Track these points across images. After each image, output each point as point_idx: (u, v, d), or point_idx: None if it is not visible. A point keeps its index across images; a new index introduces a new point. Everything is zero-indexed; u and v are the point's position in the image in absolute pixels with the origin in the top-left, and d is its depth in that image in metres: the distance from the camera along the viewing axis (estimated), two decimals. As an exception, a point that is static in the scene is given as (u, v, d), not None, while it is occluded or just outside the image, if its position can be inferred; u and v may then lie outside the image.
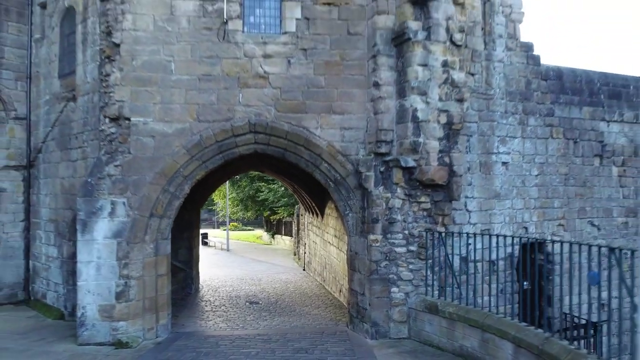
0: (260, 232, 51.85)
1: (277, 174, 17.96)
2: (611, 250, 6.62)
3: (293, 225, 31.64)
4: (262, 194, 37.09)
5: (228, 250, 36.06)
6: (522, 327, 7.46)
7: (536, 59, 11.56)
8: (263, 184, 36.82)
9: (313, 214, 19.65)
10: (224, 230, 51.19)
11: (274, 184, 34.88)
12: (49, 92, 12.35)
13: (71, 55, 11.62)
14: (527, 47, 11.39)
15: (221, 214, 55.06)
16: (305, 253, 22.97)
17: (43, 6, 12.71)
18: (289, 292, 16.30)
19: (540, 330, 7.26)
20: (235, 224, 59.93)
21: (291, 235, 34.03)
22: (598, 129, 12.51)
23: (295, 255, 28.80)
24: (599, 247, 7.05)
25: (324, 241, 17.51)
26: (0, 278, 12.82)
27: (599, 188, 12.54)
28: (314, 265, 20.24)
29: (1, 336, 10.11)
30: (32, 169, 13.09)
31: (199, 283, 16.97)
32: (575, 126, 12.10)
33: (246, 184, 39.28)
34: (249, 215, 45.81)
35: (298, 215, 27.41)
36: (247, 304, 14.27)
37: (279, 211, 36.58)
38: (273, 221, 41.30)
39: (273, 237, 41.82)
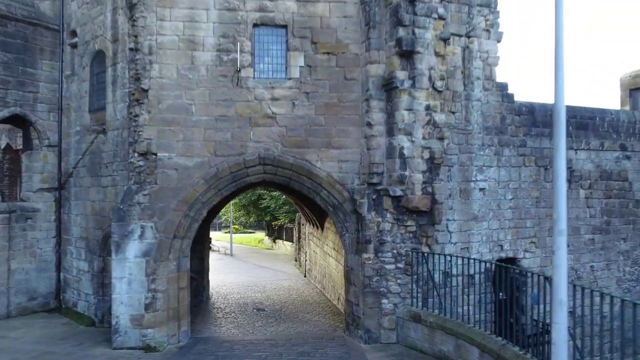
0: (261, 234, 53.39)
1: (280, 189, 19.55)
2: (545, 278, 8.11)
3: (294, 232, 33.16)
4: (264, 201, 38.64)
5: (232, 255, 37.63)
6: (486, 335, 9.05)
7: (510, 97, 13.14)
8: (265, 191, 38.39)
9: (314, 226, 21.21)
10: (226, 232, 52.81)
11: (275, 191, 36.46)
12: (79, 124, 13.92)
13: (101, 92, 13.20)
14: (502, 87, 12.96)
15: (224, 218, 56.62)
16: (306, 261, 24.53)
17: (73, 46, 14.29)
18: (292, 299, 17.87)
19: (499, 338, 8.85)
20: (237, 226, 61.49)
21: (292, 241, 35.58)
22: (567, 156, 14.05)
23: (296, 261, 30.34)
24: (538, 275, 8.54)
25: (324, 252, 19.08)
26: (35, 288, 14.39)
27: (567, 209, 14.07)
28: (314, 273, 21.81)
29: (45, 341, 11.69)
30: (62, 190, 14.67)
31: (209, 290, 18.53)
32: (546, 155, 13.68)
33: (249, 191, 40.81)
34: (251, 220, 47.38)
35: (299, 224, 28.94)
36: (255, 310, 15.85)
37: (280, 217, 38.15)
38: (275, 227, 42.86)
39: (274, 242, 43.38)
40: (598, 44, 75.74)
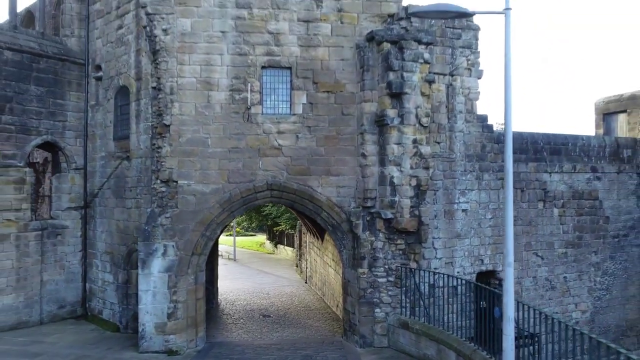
0: (261, 237, 54.92)
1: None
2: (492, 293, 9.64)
3: (295, 239, 34.72)
4: (266, 208, 40.22)
5: (235, 260, 39.19)
6: (461, 341, 10.66)
7: (490, 127, 14.76)
8: (267, 199, 39.82)
9: (314, 237, 22.80)
10: (228, 235, 54.34)
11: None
12: (105, 150, 15.51)
13: (124, 123, 14.80)
14: (482, 119, 14.58)
15: (226, 222, 58.04)
16: (307, 268, 26.12)
17: (98, 79, 15.88)
18: (294, 306, 19.46)
19: (472, 344, 10.45)
20: (238, 229, 63.04)
21: (293, 247, 37.15)
22: (542, 179, 15.72)
23: (297, 267, 31.89)
24: (488, 289, 10.05)
25: (324, 262, 20.67)
26: (64, 297, 15.97)
27: (542, 226, 15.75)
28: (314, 280, 23.40)
29: (78, 346, 13.28)
30: (88, 209, 16.24)
31: (218, 297, 20.11)
32: (523, 178, 15.31)
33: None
34: (253, 225, 48.98)
35: (300, 232, 30.50)
36: (261, 316, 17.44)
37: (282, 224, 39.73)
38: (276, 232, 44.46)
39: (276, 246, 44.96)
40: (577, 69, 78.62)
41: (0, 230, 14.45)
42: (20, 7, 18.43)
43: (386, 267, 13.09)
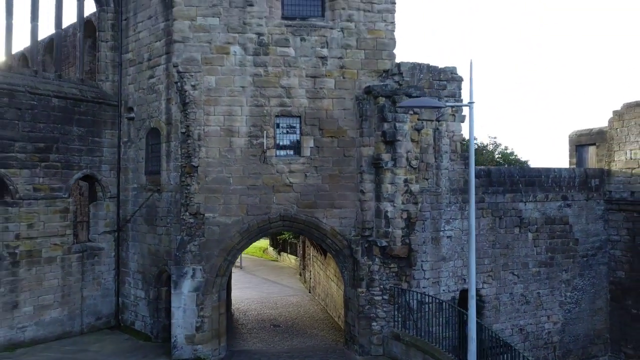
0: (264, 242, 57.16)
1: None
2: (459, 311, 11.93)
3: (298, 248, 36.98)
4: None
5: (241, 267, 41.45)
6: (442, 352, 12.97)
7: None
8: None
9: (318, 252, 25.07)
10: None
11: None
12: (137, 183, 17.78)
13: (155, 160, 17.07)
14: (465, 157, 16.86)
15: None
16: (310, 279, 28.39)
17: (130, 119, 18.14)
18: (300, 316, 21.75)
19: (451, 355, 12.75)
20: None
21: (295, 255, 39.42)
22: (517, 208, 18.02)
23: (300, 275, 34.14)
24: (454, 306, 12.28)
25: (327, 276, 22.95)
26: (100, 310, 18.24)
27: (518, 248, 18.06)
28: (318, 291, 25.68)
29: (118, 353, 15.56)
30: (120, 232, 18.52)
31: (232, 308, 22.38)
32: (500, 207, 17.61)
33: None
34: (257, 233, 50.98)
35: (304, 243, 32.74)
36: (272, 326, 19.72)
37: (285, 233, 41.96)
38: (279, 240, 46.74)
39: (279, 254, 47.25)
40: (556, 101, 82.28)
41: (48, 253, 16.72)
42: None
43: (381, 286, 15.37)
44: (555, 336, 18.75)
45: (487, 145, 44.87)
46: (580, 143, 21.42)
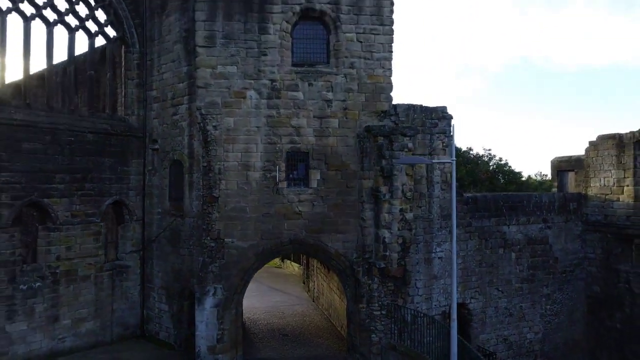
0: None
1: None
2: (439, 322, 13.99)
3: (302, 256, 39.03)
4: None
5: (247, 275, 43.42)
6: (429, 359, 15.05)
7: (460, 193, 19.13)
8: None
9: (322, 265, 27.11)
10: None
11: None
12: (161, 207, 19.85)
13: (178, 188, 19.13)
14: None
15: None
16: (314, 289, 30.43)
17: (154, 150, 20.21)
18: (306, 325, 23.80)
19: (438, 364, 14.84)
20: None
21: (299, 262, 41.42)
22: (502, 230, 20.11)
23: (304, 284, 36.15)
24: (441, 323, 14.34)
25: (330, 289, 25.00)
26: (127, 322, 20.31)
27: (502, 267, 20.13)
28: (322, 301, 27.72)
29: (148, 361, 17.65)
30: (145, 251, 20.58)
31: (243, 317, 24.40)
32: (486, 230, 19.68)
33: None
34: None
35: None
36: (281, 335, 21.78)
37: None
38: (283, 248, 48.69)
39: (283, 261, 49.29)
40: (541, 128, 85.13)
41: (83, 272, 18.80)
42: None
43: (380, 303, 17.44)
44: (537, 345, 20.83)
45: (482, 156, 47.01)
46: (561, 168, 23.50)
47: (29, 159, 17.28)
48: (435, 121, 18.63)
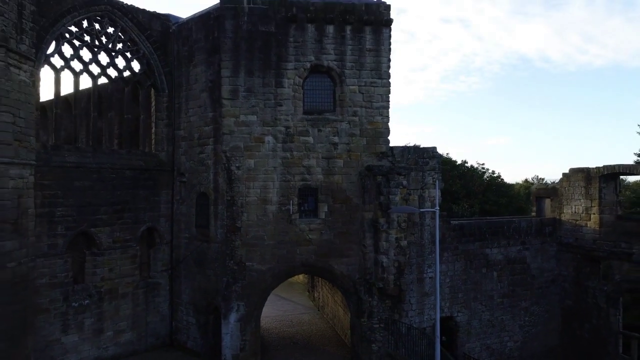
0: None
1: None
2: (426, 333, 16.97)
3: (306, 267, 42.00)
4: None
5: (255, 283, 46.40)
6: (422, 369, 18.02)
7: (448, 221, 22.10)
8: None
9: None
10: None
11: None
12: (188, 233, 22.82)
13: (204, 216, 22.07)
14: (444, 216, 21.90)
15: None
16: (319, 298, 33.38)
17: (182, 182, 23.17)
18: (313, 334, 26.75)
19: (428, 371, 17.80)
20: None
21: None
22: (485, 252, 23.08)
23: (309, 292, 39.09)
24: (429, 336, 17.32)
25: (334, 301, 27.95)
26: (159, 332, 23.26)
27: (485, 284, 23.10)
28: (327, 310, 30.67)
29: (180, 368, 20.61)
30: (174, 271, 23.53)
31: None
32: (471, 253, 22.64)
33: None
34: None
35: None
36: (292, 343, 24.74)
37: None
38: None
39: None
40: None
41: (123, 290, 21.75)
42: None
43: (379, 317, 20.41)
44: (516, 352, 23.80)
45: (477, 169, 50.21)
46: (539, 195, 26.49)
47: (79, 194, 20.22)
48: (426, 160, 21.60)
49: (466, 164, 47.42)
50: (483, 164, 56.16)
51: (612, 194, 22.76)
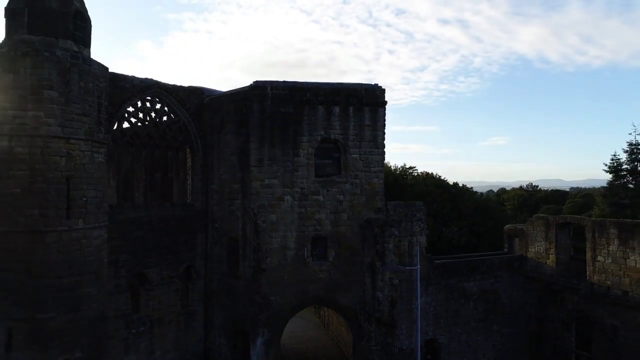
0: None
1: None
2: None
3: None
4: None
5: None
6: (409, 384, 23.07)
7: (432, 261, 27.17)
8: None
9: (331, 301, 35.04)
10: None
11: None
12: (220, 270, 27.82)
13: (234, 258, 27.06)
14: (430, 259, 26.92)
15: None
16: (324, 316, 38.43)
17: (214, 227, 28.18)
18: (321, 350, 31.79)
19: (413, 385, 22.86)
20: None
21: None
22: (463, 286, 28.13)
23: (315, 309, 44.08)
24: (408, 351, 22.37)
25: (338, 322, 32.98)
26: (195, 351, 28.21)
27: (463, 312, 28.14)
28: (332, 328, 35.71)
29: (216, 382, 25.63)
30: (207, 300, 28.52)
31: (273, 344, 32.35)
32: (452, 286, 27.70)
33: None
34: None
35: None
36: (304, 359, 29.77)
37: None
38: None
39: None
40: None
41: (168, 317, 26.77)
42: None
43: (376, 340, 25.44)
44: (490, 367, 28.83)
45: (469, 189, 55.60)
46: (510, 234, 31.54)
47: (136, 243, 25.25)
48: (414, 212, 26.66)
49: (457, 185, 52.61)
50: (472, 188, 61.43)
51: (566, 238, 27.84)
